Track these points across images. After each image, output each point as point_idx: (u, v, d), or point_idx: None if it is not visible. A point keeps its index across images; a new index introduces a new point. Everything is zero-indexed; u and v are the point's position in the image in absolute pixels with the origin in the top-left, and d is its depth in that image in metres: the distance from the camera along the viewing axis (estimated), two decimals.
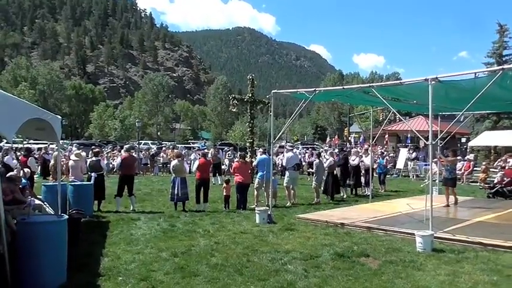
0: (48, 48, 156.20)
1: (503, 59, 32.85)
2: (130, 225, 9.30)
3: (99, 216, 10.41)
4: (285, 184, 13.30)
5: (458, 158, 23.79)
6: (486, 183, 18.12)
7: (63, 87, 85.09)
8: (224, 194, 12.03)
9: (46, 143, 23.46)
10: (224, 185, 12.41)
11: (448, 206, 12.01)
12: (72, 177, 11.41)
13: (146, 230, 8.79)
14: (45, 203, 8.43)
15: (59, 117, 7.52)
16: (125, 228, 8.95)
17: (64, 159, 15.95)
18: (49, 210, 8.10)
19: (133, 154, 13.46)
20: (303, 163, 23.26)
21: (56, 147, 11.50)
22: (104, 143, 42.93)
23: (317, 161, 14.41)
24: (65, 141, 43.51)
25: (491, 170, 20.54)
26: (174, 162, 11.97)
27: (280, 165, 20.33)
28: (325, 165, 14.47)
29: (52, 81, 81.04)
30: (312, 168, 16.10)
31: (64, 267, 5.54)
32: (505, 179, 15.39)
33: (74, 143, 40.84)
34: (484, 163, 21.63)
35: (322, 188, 14.06)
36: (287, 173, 13.55)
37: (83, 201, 9.82)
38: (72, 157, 12.33)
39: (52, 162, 11.89)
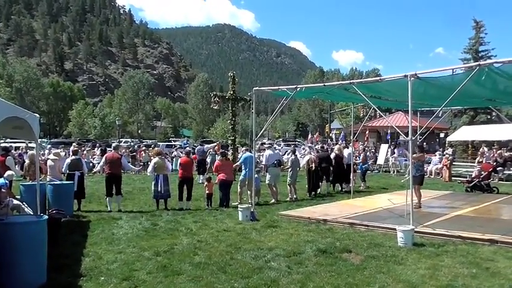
0: (25, 45, 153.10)
1: (479, 54, 33.52)
2: (112, 224, 9.19)
3: (79, 215, 10.26)
4: (267, 182, 13.30)
5: (438, 152, 24.31)
6: (462, 177, 18.49)
7: (40, 84, 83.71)
8: (206, 192, 11.98)
9: (24, 142, 23.06)
10: (206, 183, 12.36)
11: (420, 207, 11.02)
12: (50, 177, 11.21)
13: (128, 229, 8.70)
14: (23, 203, 8.26)
15: (37, 115, 7.37)
16: (106, 227, 8.84)
17: (40, 159, 15.73)
18: (28, 210, 7.94)
19: (121, 153, 13.22)
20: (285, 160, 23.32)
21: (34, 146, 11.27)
22: (84, 141, 42.30)
23: (292, 157, 14.38)
24: (43, 139, 42.84)
25: (455, 163, 20.91)
26: (155, 159, 11.88)
27: (261, 163, 20.34)
28: (303, 161, 14.54)
29: (29, 79, 79.64)
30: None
31: (44, 268, 5.45)
32: (482, 173, 15.71)
33: (53, 141, 40.28)
34: (446, 159, 21.44)
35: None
36: (268, 171, 13.56)
37: (63, 201, 9.66)
38: (51, 156, 12.12)
39: (27, 161, 11.65)
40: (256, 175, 12.01)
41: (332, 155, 15.65)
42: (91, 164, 20.39)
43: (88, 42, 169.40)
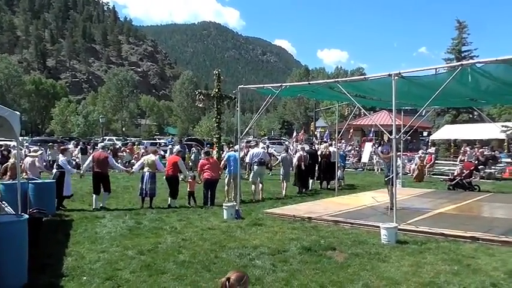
0: (6, 42, 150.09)
1: (462, 54, 33.93)
2: (95, 223, 9.08)
3: (62, 214, 10.11)
4: (250, 179, 13.34)
5: (421, 150, 24.56)
6: (444, 175, 18.71)
7: (22, 82, 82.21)
8: (188, 189, 11.96)
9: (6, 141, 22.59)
10: (190, 180, 12.31)
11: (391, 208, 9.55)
12: (30, 175, 11.04)
13: (111, 228, 8.60)
14: (3, 202, 8.11)
15: (18, 113, 7.22)
16: (89, 226, 8.73)
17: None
18: (8, 209, 7.80)
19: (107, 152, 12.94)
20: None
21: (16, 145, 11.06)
22: (67, 140, 41.72)
23: (284, 154, 14.55)
24: (24, 138, 42.15)
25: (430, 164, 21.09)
26: (145, 156, 11.97)
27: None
28: (294, 159, 14.67)
29: (10, 76, 78.22)
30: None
31: (25, 268, 5.36)
32: (464, 171, 15.96)
33: (35, 139, 39.64)
34: (417, 161, 21.11)
35: (289, 182, 14.26)
36: (252, 169, 13.64)
37: (44, 200, 9.50)
38: (30, 154, 11.96)
39: (12, 161, 11.47)
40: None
41: (318, 153, 15.89)
42: (74, 163, 20.09)
43: (71, 39, 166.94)
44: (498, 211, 10.99)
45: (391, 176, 9.51)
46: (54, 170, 11.24)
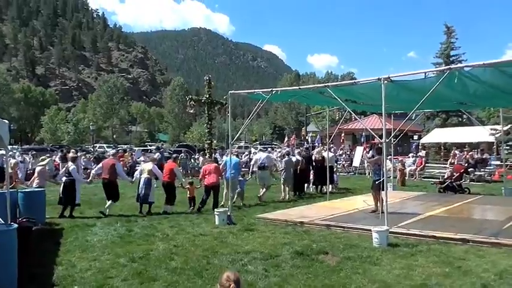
0: None
1: (451, 59, 34.25)
2: (86, 231, 9.01)
3: (52, 223, 10.01)
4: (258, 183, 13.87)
5: (412, 154, 24.71)
6: (435, 178, 18.83)
7: (10, 90, 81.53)
8: (188, 195, 11.95)
9: None
10: (188, 186, 12.30)
11: (375, 211, 10.46)
12: (37, 183, 11.08)
13: (102, 235, 8.54)
14: None
15: (6, 121, 7.16)
16: (79, 234, 8.66)
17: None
18: None
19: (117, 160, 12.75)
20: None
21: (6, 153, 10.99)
22: (56, 148, 41.35)
23: (286, 158, 14.77)
24: (14, 146, 41.75)
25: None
26: (145, 164, 12.19)
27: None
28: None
29: None
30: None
31: (14, 279, 5.30)
32: (454, 174, 16.08)
33: (25, 148, 39.33)
34: (399, 164, 20.96)
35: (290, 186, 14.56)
36: (256, 173, 14.16)
37: (34, 209, 9.41)
38: (39, 164, 12.05)
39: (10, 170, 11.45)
40: (241, 178, 12.19)
41: (313, 158, 16.13)
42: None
43: (60, 46, 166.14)
44: (488, 213, 11.11)
45: (381, 180, 9.55)
46: (64, 178, 11.19)
